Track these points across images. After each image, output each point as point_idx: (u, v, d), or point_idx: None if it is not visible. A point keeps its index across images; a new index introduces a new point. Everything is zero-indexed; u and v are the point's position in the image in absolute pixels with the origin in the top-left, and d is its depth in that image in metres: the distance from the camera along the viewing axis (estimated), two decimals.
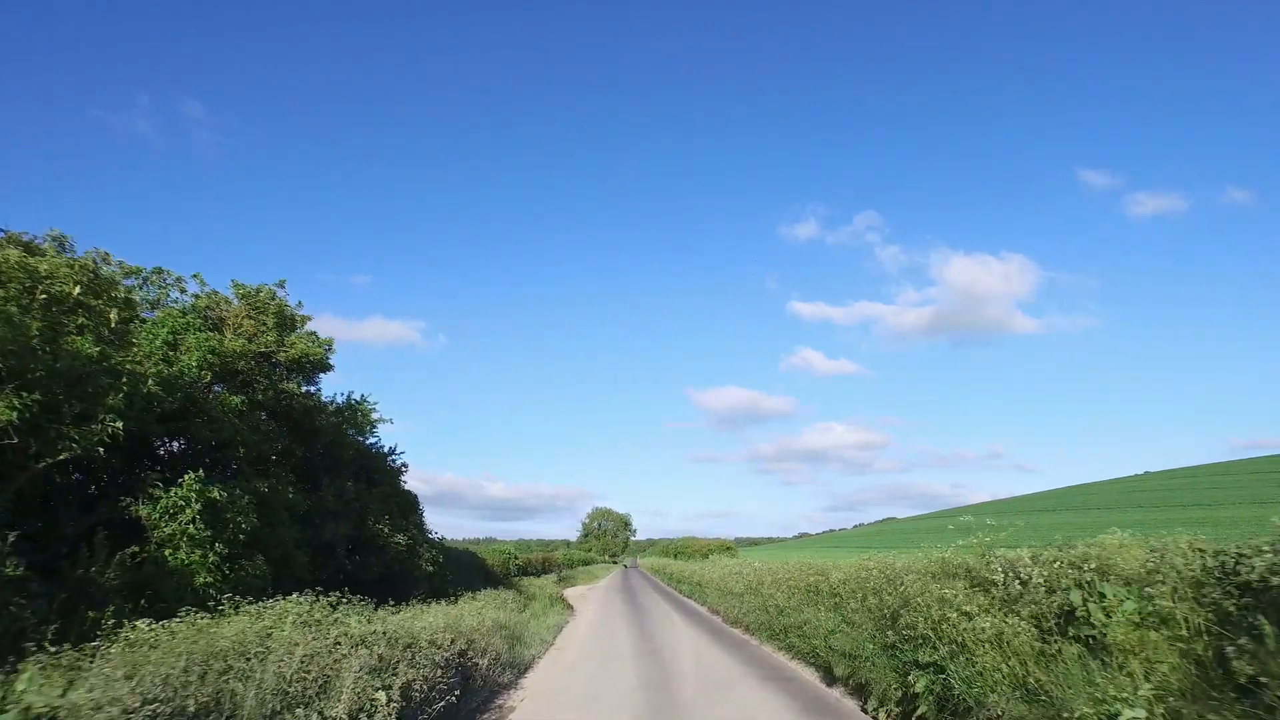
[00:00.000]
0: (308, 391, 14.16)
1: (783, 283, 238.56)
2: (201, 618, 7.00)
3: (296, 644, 6.44)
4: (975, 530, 7.55)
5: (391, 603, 11.82)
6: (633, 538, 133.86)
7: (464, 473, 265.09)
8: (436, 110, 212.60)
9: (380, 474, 17.40)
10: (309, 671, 6.41)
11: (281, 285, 12.90)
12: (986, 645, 5.66)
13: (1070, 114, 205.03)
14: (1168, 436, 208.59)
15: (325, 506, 14.38)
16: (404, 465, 20.58)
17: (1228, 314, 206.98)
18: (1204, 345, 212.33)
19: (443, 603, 13.52)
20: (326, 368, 13.87)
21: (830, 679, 10.21)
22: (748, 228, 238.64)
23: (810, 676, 11.02)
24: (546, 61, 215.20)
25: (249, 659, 6.17)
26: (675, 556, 48.89)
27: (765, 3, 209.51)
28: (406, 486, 20.40)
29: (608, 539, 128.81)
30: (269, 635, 6.62)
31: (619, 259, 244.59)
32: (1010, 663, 5.20)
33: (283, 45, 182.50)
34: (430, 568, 17.90)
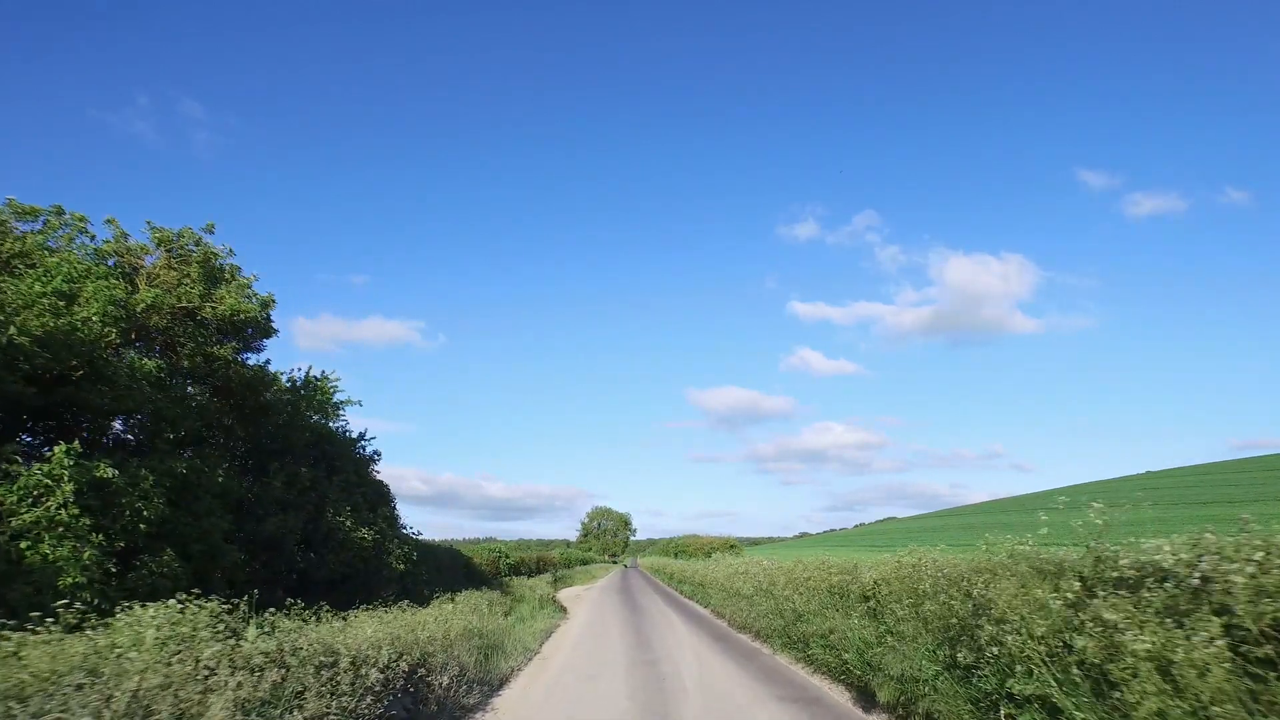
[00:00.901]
0: (250, 361, 12.22)
1: (782, 283, 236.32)
2: (42, 632, 5.10)
3: (131, 674, 4.51)
4: (1084, 513, 5.62)
5: (327, 607, 9.90)
6: (633, 537, 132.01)
7: (463, 473, 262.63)
8: (436, 110, 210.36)
9: (344, 460, 15.48)
10: (157, 709, 4.49)
11: (209, 230, 10.95)
12: (1144, 675, 3.76)
13: (1069, 114, 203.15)
14: (1165, 437, 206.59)
15: (272, 495, 12.47)
16: (376, 454, 18.69)
17: (1226, 314, 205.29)
18: (1202, 345, 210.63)
19: (403, 605, 11.59)
20: (267, 331, 11.91)
21: (868, 702, 8.27)
22: (747, 228, 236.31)
23: (841, 698, 9.08)
24: (546, 61, 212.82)
25: (65, 693, 4.27)
26: (676, 555, 46.84)
27: (765, 3, 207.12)
28: (378, 476, 18.50)
29: (607, 539, 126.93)
30: (103, 659, 4.70)
31: (619, 259, 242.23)
32: (1210, 708, 3.31)
33: (282, 45, 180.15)
34: (401, 566, 15.98)
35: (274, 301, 11.50)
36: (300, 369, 14.74)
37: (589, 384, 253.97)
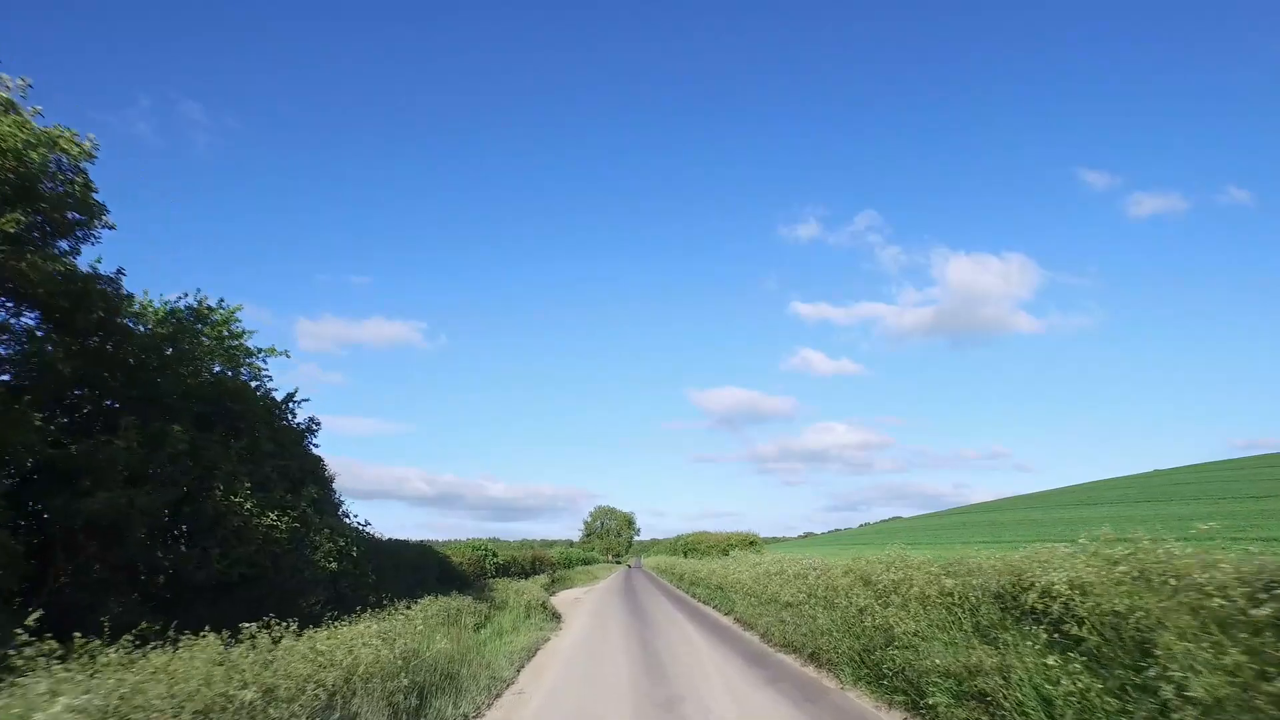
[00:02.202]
0: (86, 271, 8.21)
1: (783, 283, 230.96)
2: None
3: None
4: None
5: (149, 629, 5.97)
6: (636, 537, 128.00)
7: (465, 474, 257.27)
8: (437, 110, 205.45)
9: (253, 422, 11.51)
10: None
11: None
12: None
13: (1071, 114, 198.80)
14: (1167, 436, 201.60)
15: (115, 460, 8.50)
16: (313, 423, 14.73)
17: (1228, 313, 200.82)
18: (1204, 345, 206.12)
19: (282, 626, 7.62)
20: (88, 206, 7.86)
21: None
22: (748, 228, 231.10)
23: None
24: (546, 61, 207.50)
25: None
26: (685, 554, 42.69)
27: (765, 2, 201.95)
28: (315, 451, 14.56)
29: (611, 538, 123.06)
30: None
31: (620, 259, 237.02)
32: None
33: (282, 46, 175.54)
34: (333, 564, 12.00)
35: (89, 151, 7.40)
36: (188, 295, 10.79)
37: (590, 384, 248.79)
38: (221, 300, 11.35)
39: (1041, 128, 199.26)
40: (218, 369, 12.28)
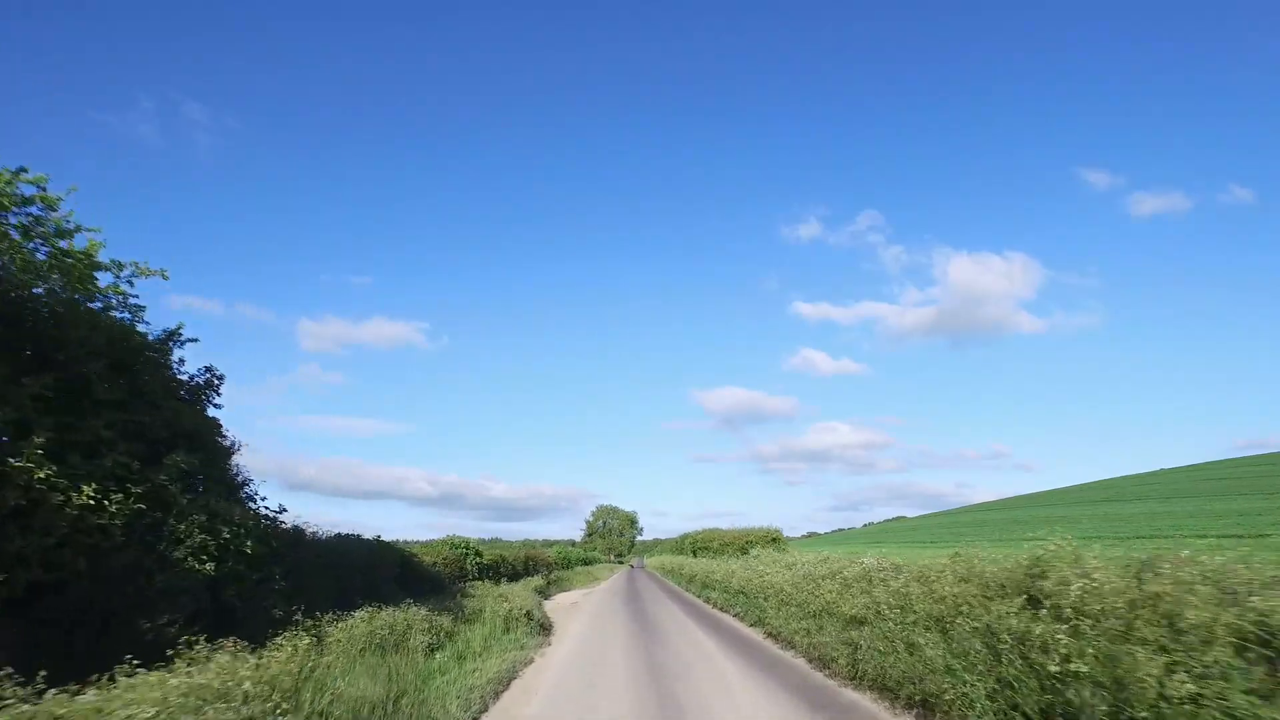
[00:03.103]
0: None
1: (784, 283, 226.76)
2: None
3: None
4: None
5: None
6: (638, 537, 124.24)
7: (466, 474, 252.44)
8: (437, 110, 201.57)
9: (79, 355, 7.79)
10: None
11: None
12: None
13: (1072, 113, 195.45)
14: (1169, 436, 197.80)
15: None
16: (213, 376, 11.03)
17: (1230, 312, 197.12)
18: (1206, 344, 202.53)
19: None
20: None
21: None
22: (750, 228, 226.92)
23: None
24: (546, 62, 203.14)
25: None
26: (694, 553, 38.98)
27: (765, 2, 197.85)
28: (215, 416, 10.84)
29: (613, 538, 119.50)
30: None
31: (622, 260, 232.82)
32: None
33: (282, 46, 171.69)
34: (208, 566, 8.27)
35: None
36: None
37: (591, 384, 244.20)
38: (22, 169, 7.64)
39: (1042, 128, 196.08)
40: (73, 296, 8.61)
